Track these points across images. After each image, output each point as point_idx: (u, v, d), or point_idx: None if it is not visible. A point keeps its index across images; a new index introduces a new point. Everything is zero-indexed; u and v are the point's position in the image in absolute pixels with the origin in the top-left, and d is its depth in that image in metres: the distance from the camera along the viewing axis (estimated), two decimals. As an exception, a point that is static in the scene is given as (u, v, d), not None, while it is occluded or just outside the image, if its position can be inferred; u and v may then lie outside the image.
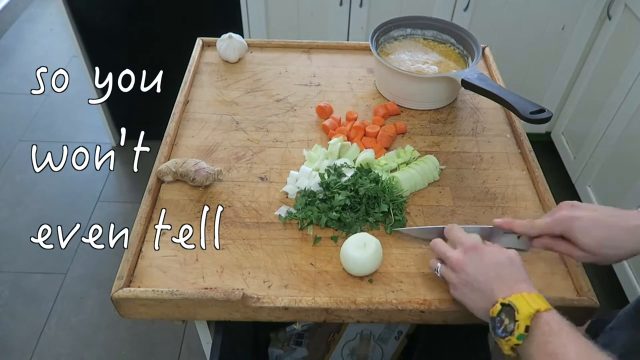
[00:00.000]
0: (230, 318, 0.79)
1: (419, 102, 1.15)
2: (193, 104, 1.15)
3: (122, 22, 1.98)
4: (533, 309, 0.60)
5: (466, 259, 0.70)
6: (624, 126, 1.77)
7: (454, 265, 0.71)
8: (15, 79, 2.84)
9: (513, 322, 0.61)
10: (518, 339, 0.60)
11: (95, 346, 1.73)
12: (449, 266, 0.72)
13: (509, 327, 0.61)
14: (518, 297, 0.62)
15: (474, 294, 0.68)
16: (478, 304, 0.68)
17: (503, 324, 0.62)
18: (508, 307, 0.62)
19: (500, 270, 0.67)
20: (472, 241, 0.72)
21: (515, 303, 0.61)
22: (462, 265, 0.70)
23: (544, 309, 0.61)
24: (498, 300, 0.64)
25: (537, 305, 0.61)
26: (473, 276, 0.68)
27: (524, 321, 0.60)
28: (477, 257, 0.69)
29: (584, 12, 1.90)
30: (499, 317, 0.63)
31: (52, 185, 2.23)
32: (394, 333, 1.29)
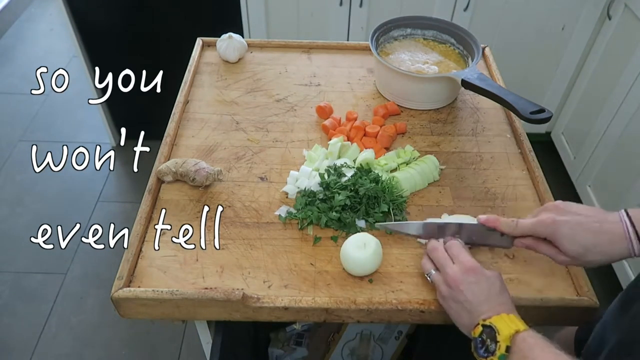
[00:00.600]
0: (230, 318, 0.79)
1: (419, 102, 1.15)
2: (193, 104, 1.15)
3: (122, 22, 1.98)
4: (513, 329, 0.63)
5: (463, 278, 0.71)
6: (624, 126, 1.77)
7: (449, 281, 0.72)
8: (15, 79, 2.84)
9: (494, 343, 0.63)
10: (499, 359, 0.63)
11: (95, 346, 1.73)
12: (444, 279, 0.73)
13: (491, 347, 0.64)
14: (498, 318, 0.65)
15: (460, 310, 0.71)
16: (462, 320, 0.71)
17: (485, 344, 0.65)
18: (489, 328, 0.65)
19: (490, 294, 0.69)
20: (472, 263, 0.72)
21: (496, 325, 0.64)
22: (458, 283, 0.71)
23: (522, 329, 0.63)
24: (479, 321, 0.66)
25: (516, 326, 0.64)
26: (465, 296, 0.70)
27: (504, 342, 0.63)
28: (474, 280, 0.70)
29: (584, 12, 1.90)
30: (480, 337, 0.66)
31: (52, 185, 2.23)
32: (394, 333, 1.29)
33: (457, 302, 0.71)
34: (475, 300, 0.69)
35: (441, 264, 0.74)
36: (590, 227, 0.69)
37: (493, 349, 0.63)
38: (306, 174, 0.95)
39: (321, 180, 0.93)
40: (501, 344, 0.63)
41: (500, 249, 0.85)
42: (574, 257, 0.70)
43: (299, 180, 0.95)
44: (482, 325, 0.66)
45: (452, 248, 0.75)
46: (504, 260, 0.84)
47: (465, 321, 0.70)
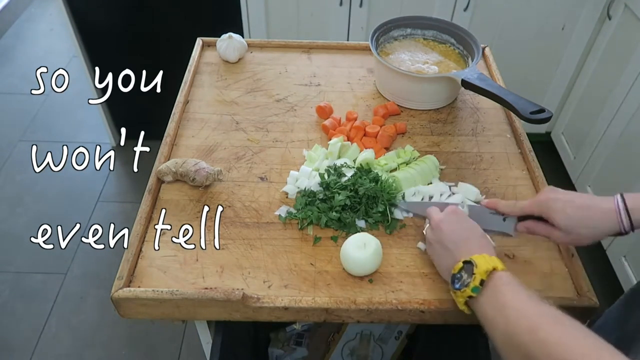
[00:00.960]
0: (230, 318, 0.79)
1: (419, 102, 1.15)
2: (193, 104, 1.15)
3: (122, 22, 1.98)
4: (490, 266, 0.65)
5: (445, 217, 0.77)
6: (624, 126, 1.77)
7: (433, 223, 0.78)
8: (15, 79, 2.84)
9: (470, 276, 0.66)
10: (472, 290, 0.65)
11: (95, 346, 1.73)
12: (430, 225, 0.79)
13: (466, 281, 0.66)
14: (479, 256, 0.67)
15: (443, 250, 0.74)
16: (444, 262, 0.74)
17: (461, 279, 0.68)
18: (469, 263, 0.68)
19: (471, 235, 0.74)
20: (455, 207, 0.80)
21: (475, 260, 0.67)
22: (439, 223, 0.76)
23: (500, 268, 0.66)
24: (460, 259, 0.69)
25: (495, 264, 0.66)
26: (446, 234, 0.75)
27: (480, 275, 0.65)
28: (454, 219, 0.76)
29: (584, 12, 1.90)
30: (459, 273, 0.68)
31: (52, 185, 2.23)
32: (394, 333, 1.29)
33: (439, 242, 0.75)
34: (456, 237, 0.73)
35: (430, 215, 0.80)
36: (582, 203, 0.73)
37: (468, 281, 0.66)
38: (306, 174, 0.95)
39: (321, 180, 0.93)
40: (477, 276, 0.65)
41: (502, 247, 0.85)
42: (566, 230, 0.73)
43: (299, 180, 0.95)
44: (463, 262, 0.68)
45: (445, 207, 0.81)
46: (504, 260, 0.84)
47: (447, 261, 0.73)
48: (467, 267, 0.67)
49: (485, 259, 0.66)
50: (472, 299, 0.66)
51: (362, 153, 1.00)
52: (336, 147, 0.99)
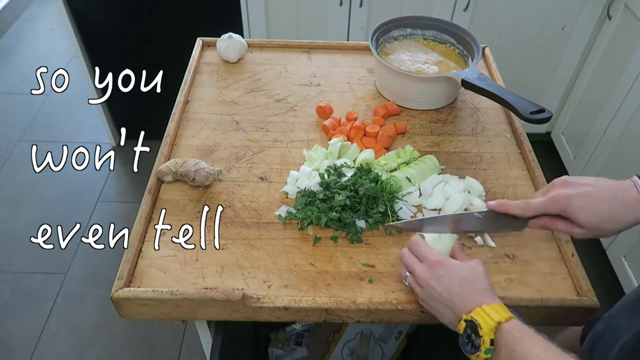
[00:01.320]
0: (230, 318, 0.79)
1: (419, 102, 1.15)
2: (193, 104, 1.15)
3: (122, 22, 1.98)
4: (494, 321, 0.61)
5: (431, 274, 0.70)
6: (624, 126, 1.77)
7: (419, 280, 0.71)
8: (15, 79, 2.84)
9: (478, 338, 0.62)
10: (485, 353, 0.61)
11: (95, 346, 1.73)
12: (415, 280, 0.72)
13: (476, 342, 0.62)
14: (479, 311, 0.63)
15: (441, 308, 0.69)
16: (446, 318, 0.69)
17: (470, 340, 0.63)
18: (471, 323, 0.63)
19: (464, 285, 0.68)
20: (437, 257, 0.71)
21: (476, 319, 0.62)
22: (427, 280, 0.70)
23: (505, 319, 0.62)
24: (462, 317, 0.65)
25: (498, 317, 0.62)
26: (438, 292, 0.69)
27: (487, 335, 0.61)
28: (442, 274, 0.69)
29: (584, 12, 1.90)
30: (465, 333, 0.64)
31: (52, 185, 2.23)
32: (394, 333, 1.29)
33: (433, 300, 0.70)
34: (448, 293, 0.68)
35: (410, 267, 0.73)
36: (603, 196, 0.68)
37: (478, 343, 0.62)
38: (306, 174, 0.95)
39: (321, 180, 0.93)
40: (484, 338, 0.61)
41: (502, 247, 0.85)
42: (590, 228, 0.69)
43: (299, 180, 0.95)
44: (465, 321, 0.64)
45: (415, 246, 0.74)
46: (504, 260, 0.84)
47: (449, 318, 0.68)
48: (471, 326, 0.63)
49: (486, 313, 0.62)
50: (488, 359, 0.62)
51: (362, 153, 1.00)
52: (336, 147, 0.99)
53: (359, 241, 0.86)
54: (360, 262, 0.83)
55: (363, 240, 0.87)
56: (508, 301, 0.76)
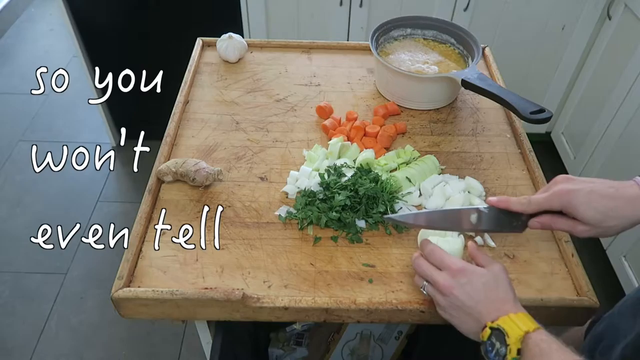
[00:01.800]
0: (230, 318, 0.79)
1: (419, 102, 1.15)
2: (193, 104, 1.15)
3: (122, 22, 1.98)
4: (522, 331, 0.60)
5: (454, 283, 0.68)
6: (624, 126, 1.77)
7: (442, 289, 0.69)
8: (15, 79, 2.84)
9: (504, 346, 0.61)
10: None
11: (95, 346, 1.73)
12: (436, 289, 0.71)
13: (501, 350, 0.61)
14: (506, 319, 0.62)
15: (462, 316, 0.68)
16: (467, 327, 0.68)
17: (494, 348, 0.62)
18: (497, 330, 0.62)
19: (488, 293, 0.67)
20: (459, 264, 0.70)
21: (504, 327, 0.61)
22: (450, 289, 0.68)
23: (533, 329, 0.61)
24: (487, 324, 0.64)
25: (526, 327, 0.61)
26: (462, 301, 0.67)
27: (515, 345, 0.60)
28: (465, 281, 0.68)
29: (584, 12, 1.90)
30: (489, 340, 0.63)
31: (52, 185, 2.23)
32: (394, 333, 1.29)
33: (456, 308, 0.68)
34: (473, 301, 0.66)
35: (429, 276, 0.71)
36: (606, 192, 0.68)
37: (504, 352, 0.60)
38: (306, 174, 0.95)
39: (321, 180, 0.93)
40: (511, 347, 0.60)
41: (502, 247, 0.85)
42: (593, 224, 0.68)
43: (299, 180, 0.95)
44: (490, 328, 0.63)
45: (433, 255, 0.72)
46: (504, 260, 0.84)
47: (471, 327, 0.67)
48: (497, 334, 0.62)
49: (514, 323, 0.61)
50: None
51: (362, 153, 1.00)
52: (336, 147, 0.99)
53: (359, 241, 0.86)
54: (360, 262, 0.83)
55: (363, 240, 0.87)
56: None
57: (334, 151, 0.99)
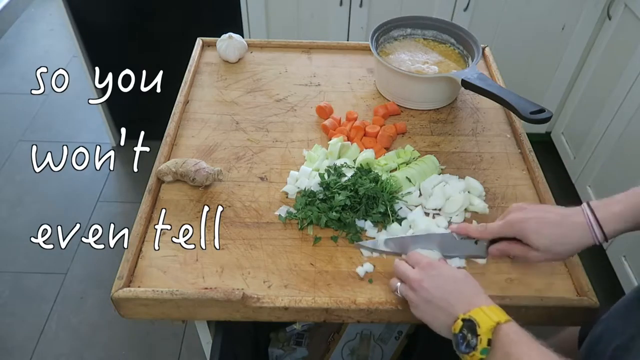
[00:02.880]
0: (230, 318, 0.79)
1: (419, 102, 1.15)
2: (193, 104, 1.15)
3: (122, 22, 1.98)
4: (493, 321, 0.62)
5: (423, 275, 0.71)
6: (624, 126, 1.77)
7: (412, 284, 0.71)
8: (15, 79, 2.84)
9: (475, 337, 0.62)
10: (481, 353, 0.61)
11: (95, 346, 1.73)
12: (408, 285, 0.73)
13: (472, 342, 0.62)
14: (478, 311, 0.64)
15: (434, 311, 0.69)
16: (439, 321, 0.69)
17: (466, 340, 0.63)
18: (469, 322, 0.63)
19: (458, 285, 0.69)
20: (428, 259, 0.73)
21: (475, 318, 0.63)
22: (420, 282, 0.70)
23: (504, 320, 0.62)
24: (459, 316, 0.65)
25: (497, 318, 0.62)
26: (432, 292, 0.69)
27: (485, 335, 0.61)
28: (434, 273, 0.71)
29: (584, 12, 1.90)
30: (461, 333, 0.64)
31: (52, 185, 2.23)
32: (394, 333, 1.29)
33: (427, 302, 0.70)
34: (443, 293, 0.68)
35: (403, 274, 0.74)
36: (553, 220, 0.73)
37: (474, 343, 0.62)
38: (306, 174, 0.95)
39: (321, 180, 0.93)
40: (482, 337, 0.61)
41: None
42: (543, 250, 0.72)
43: (299, 180, 0.95)
44: (462, 320, 0.64)
45: (411, 258, 0.76)
46: (504, 260, 0.84)
47: (443, 321, 0.68)
48: (468, 325, 0.63)
49: (485, 313, 0.63)
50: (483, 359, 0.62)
51: (362, 153, 1.00)
52: (336, 147, 0.99)
53: (358, 241, 0.86)
54: (360, 262, 0.83)
55: (363, 240, 0.87)
56: (508, 301, 0.76)
57: (334, 151, 0.99)
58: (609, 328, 0.68)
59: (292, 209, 0.91)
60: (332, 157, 0.99)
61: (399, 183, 0.93)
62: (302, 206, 0.90)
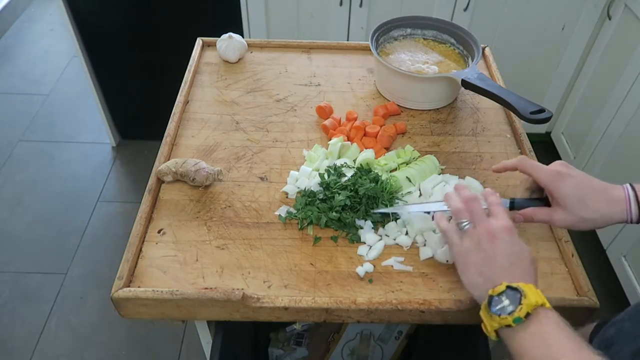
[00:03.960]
0: (230, 318, 0.79)
1: (419, 102, 1.15)
2: (193, 104, 1.15)
3: (122, 22, 1.98)
4: (540, 300, 0.61)
5: (500, 234, 0.67)
6: (624, 126, 1.77)
7: (483, 232, 0.68)
8: (15, 79, 2.84)
9: (514, 305, 0.60)
10: (514, 321, 0.60)
11: (95, 346, 1.73)
12: (478, 230, 0.69)
13: (507, 307, 0.61)
14: (530, 286, 0.62)
15: (481, 266, 0.67)
16: (474, 279, 0.67)
17: (501, 303, 0.62)
18: (515, 290, 0.62)
19: (522, 261, 0.67)
20: (511, 223, 0.69)
21: (524, 289, 0.61)
22: (493, 236, 0.67)
23: (548, 306, 0.61)
24: (503, 283, 0.63)
25: (543, 300, 0.61)
26: (494, 252, 0.66)
27: (527, 307, 0.60)
28: (509, 240, 0.67)
29: (584, 12, 1.90)
30: (498, 297, 0.63)
31: (52, 185, 2.23)
32: (394, 333, 1.29)
33: (481, 255, 0.67)
34: (503, 260, 0.66)
35: (478, 216, 0.70)
36: (594, 185, 0.72)
37: (510, 309, 0.60)
38: (306, 174, 0.95)
39: (321, 180, 0.93)
40: (524, 307, 0.59)
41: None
42: (570, 210, 0.71)
43: (299, 180, 0.95)
44: (508, 287, 0.62)
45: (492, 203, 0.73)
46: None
47: (478, 281, 0.66)
48: (511, 294, 0.62)
49: (536, 292, 0.61)
50: (509, 328, 0.61)
51: (362, 153, 1.00)
52: (336, 147, 0.99)
53: (359, 241, 0.86)
54: (360, 262, 0.83)
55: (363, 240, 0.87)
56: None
57: (334, 151, 0.99)
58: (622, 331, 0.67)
59: (292, 209, 0.91)
60: (332, 157, 0.99)
61: (399, 183, 0.93)
62: (302, 206, 0.90)
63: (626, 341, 0.64)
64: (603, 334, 0.71)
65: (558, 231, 0.88)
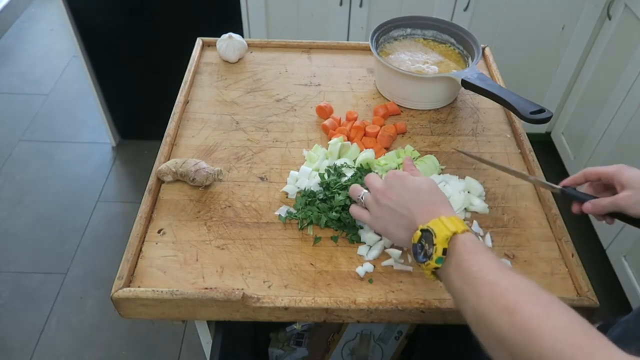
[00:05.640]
0: (230, 318, 0.79)
1: (419, 102, 1.15)
2: (193, 104, 1.15)
3: (122, 22, 1.98)
4: (450, 231, 0.61)
5: (388, 184, 0.71)
6: (624, 126, 1.77)
7: (376, 194, 0.72)
8: (15, 79, 2.84)
9: (432, 246, 0.62)
10: (436, 262, 0.61)
11: (95, 346, 1.73)
12: (373, 197, 0.73)
13: (429, 251, 0.62)
14: (436, 221, 0.63)
15: (395, 220, 0.69)
16: (400, 233, 0.69)
17: (423, 249, 0.63)
18: (427, 232, 0.63)
19: (421, 195, 0.68)
20: (394, 170, 0.73)
21: (433, 228, 0.62)
22: (383, 190, 0.71)
23: (461, 230, 0.62)
24: (418, 227, 0.65)
25: (454, 228, 0.61)
26: (395, 201, 0.69)
27: (441, 244, 0.61)
28: (398, 183, 0.70)
29: (584, 12, 1.90)
30: (419, 243, 0.64)
31: (52, 185, 2.23)
32: (394, 333, 1.29)
33: (389, 212, 0.70)
34: (404, 201, 0.68)
35: (370, 183, 0.74)
36: None
37: (430, 252, 0.62)
38: (306, 174, 0.95)
39: (321, 180, 0.93)
40: (437, 246, 0.61)
41: (502, 247, 0.85)
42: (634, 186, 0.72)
43: (299, 180, 0.95)
44: (421, 230, 0.64)
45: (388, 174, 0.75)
46: (504, 260, 0.84)
47: (403, 233, 0.68)
48: (426, 235, 0.63)
49: (443, 223, 0.62)
50: (439, 270, 0.62)
51: (362, 153, 1.00)
52: (336, 147, 0.99)
53: (359, 241, 0.86)
54: (360, 262, 0.83)
55: (363, 240, 0.87)
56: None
57: (334, 151, 0.99)
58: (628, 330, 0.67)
59: (292, 209, 0.91)
60: (332, 157, 0.99)
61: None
62: (302, 206, 0.90)
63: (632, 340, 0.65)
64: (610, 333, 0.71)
65: (558, 231, 0.88)
